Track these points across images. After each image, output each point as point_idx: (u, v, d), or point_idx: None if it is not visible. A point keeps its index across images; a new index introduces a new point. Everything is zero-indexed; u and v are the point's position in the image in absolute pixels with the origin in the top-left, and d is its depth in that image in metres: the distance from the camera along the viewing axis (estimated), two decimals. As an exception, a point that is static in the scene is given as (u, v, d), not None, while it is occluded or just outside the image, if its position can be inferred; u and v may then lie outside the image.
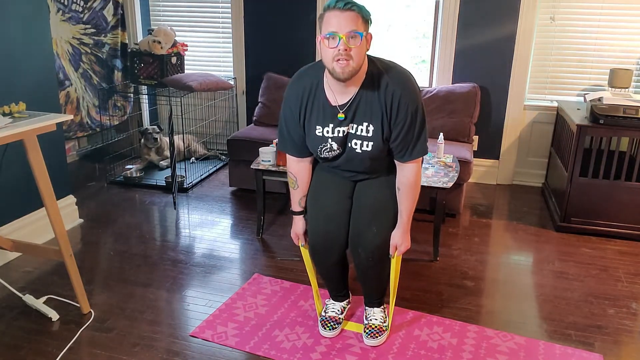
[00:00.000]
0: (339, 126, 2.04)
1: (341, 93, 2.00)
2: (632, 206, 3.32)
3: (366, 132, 2.02)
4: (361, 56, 1.90)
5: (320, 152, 2.11)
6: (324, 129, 2.05)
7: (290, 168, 2.25)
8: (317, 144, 2.09)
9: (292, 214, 2.31)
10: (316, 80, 2.05)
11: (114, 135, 4.73)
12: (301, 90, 2.06)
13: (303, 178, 2.25)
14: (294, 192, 2.28)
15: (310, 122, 2.07)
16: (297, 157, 2.21)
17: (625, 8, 3.83)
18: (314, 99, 2.05)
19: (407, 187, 2.10)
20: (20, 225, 3.09)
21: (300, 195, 2.27)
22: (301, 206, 2.28)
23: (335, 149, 2.08)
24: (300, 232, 2.31)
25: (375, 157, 2.08)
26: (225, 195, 4.07)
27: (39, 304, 2.52)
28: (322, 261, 2.30)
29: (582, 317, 2.56)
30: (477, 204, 3.97)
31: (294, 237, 2.35)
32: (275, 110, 4.28)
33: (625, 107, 3.22)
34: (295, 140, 2.15)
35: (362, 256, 2.19)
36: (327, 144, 2.07)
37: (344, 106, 2.01)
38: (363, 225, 2.16)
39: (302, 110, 2.07)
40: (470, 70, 4.20)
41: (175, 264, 3.03)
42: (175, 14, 4.88)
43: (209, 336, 2.36)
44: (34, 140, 2.25)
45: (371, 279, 2.32)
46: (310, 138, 2.10)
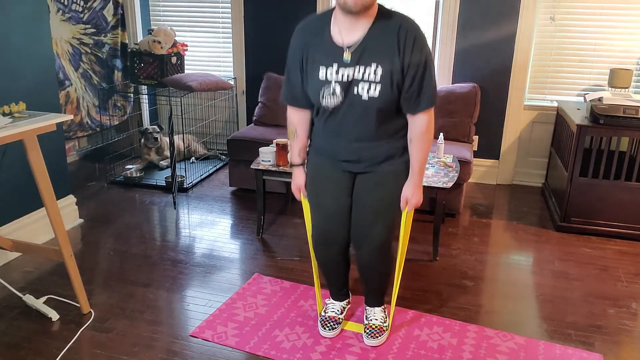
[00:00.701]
0: (344, 67, 1.95)
1: (350, 31, 1.93)
2: (632, 206, 3.32)
3: (374, 75, 1.92)
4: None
5: (322, 98, 2.00)
6: (327, 69, 1.97)
7: (290, 118, 2.22)
8: (319, 87, 2.00)
9: (292, 166, 2.28)
10: (323, 20, 2.00)
11: (114, 135, 4.73)
12: (307, 29, 2.03)
13: (303, 128, 2.21)
14: (293, 143, 2.24)
15: (314, 61, 2.00)
16: (299, 107, 2.16)
17: (625, 8, 3.83)
18: (319, 37, 1.99)
19: (419, 137, 2.04)
20: (20, 225, 3.09)
21: (300, 146, 2.23)
22: (300, 158, 2.25)
23: (338, 93, 1.97)
24: (301, 184, 2.27)
25: (381, 108, 1.98)
26: (225, 195, 4.07)
27: (39, 304, 2.52)
28: (323, 256, 2.30)
29: (582, 317, 2.56)
30: (477, 204, 3.97)
31: (294, 191, 2.30)
32: (275, 110, 4.28)
33: (625, 107, 3.22)
34: (298, 88, 2.10)
35: (365, 253, 2.20)
36: (330, 88, 1.97)
37: (352, 47, 1.94)
38: (365, 225, 2.15)
39: (306, 49, 2.01)
40: (470, 70, 4.20)
41: (175, 264, 3.03)
42: (175, 14, 4.88)
43: (209, 336, 2.36)
44: (34, 140, 2.25)
45: (373, 276, 2.31)
46: (313, 81, 2.01)
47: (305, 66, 2.03)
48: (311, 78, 2.02)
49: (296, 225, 3.54)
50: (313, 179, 2.23)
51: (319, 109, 2.09)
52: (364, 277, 2.35)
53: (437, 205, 2.99)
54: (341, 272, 2.40)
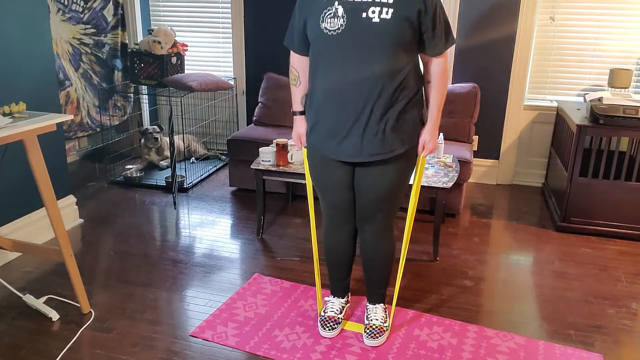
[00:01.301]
0: None
1: None
2: (632, 206, 3.32)
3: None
4: None
5: (321, 22, 1.92)
6: None
7: (293, 63, 2.20)
8: (320, 9, 1.93)
9: (294, 114, 2.25)
10: None
11: (114, 135, 4.73)
12: None
13: (305, 74, 2.17)
14: (295, 89, 2.22)
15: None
16: (302, 54, 2.14)
17: (625, 8, 3.83)
18: None
19: (438, 79, 2.04)
20: (20, 225, 3.09)
21: (302, 93, 2.20)
22: (302, 105, 2.21)
23: (339, 14, 1.89)
24: (302, 132, 2.23)
25: (392, 35, 1.88)
26: (225, 195, 4.07)
27: (39, 304, 2.52)
28: (333, 239, 2.35)
29: (582, 317, 2.56)
30: (477, 204, 3.97)
31: (295, 139, 2.27)
32: (275, 110, 4.28)
33: (625, 107, 3.22)
34: (301, 30, 2.07)
35: (369, 234, 2.25)
36: (332, 8, 1.90)
37: None
38: (368, 208, 2.20)
39: None
40: (470, 70, 4.20)
41: (175, 264, 3.03)
42: (175, 14, 4.88)
43: (209, 336, 2.36)
44: (34, 140, 2.25)
45: (376, 263, 2.32)
46: (314, 5, 1.96)
47: None
48: (312, 4, 1.97)
49: (296, 225, 3.54)
50: (315, 175, 2.25)
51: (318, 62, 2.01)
52: (367, 265, 2.35)
53: (437, 205, 3.00)
54: (346, 259, 2.40)
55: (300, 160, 3.25)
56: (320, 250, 2.45)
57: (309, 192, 2.38)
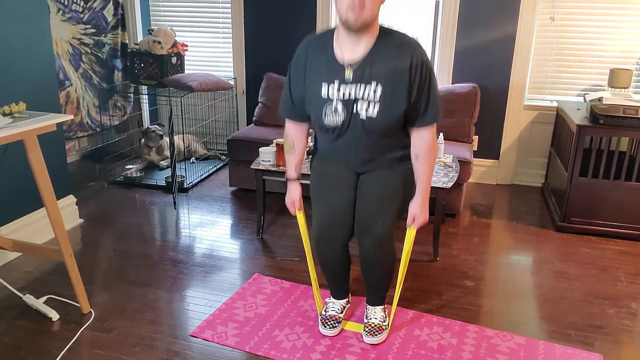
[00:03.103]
0: (346, 85, 1.97)
1: (352, 50, 1.96)
2: (632, 206, 3.32)
3: (373, 93, 1.96)
4: (375, 8, 1.88)
5: (324, 116, 2.03)
6: (329, 85, 1.99)
7: (288, 132, 2.23)
8: (321, 106, 2.02)
9: (287, 180, 2.28)
10: (326, 37, 2.03)
11: (114, 135, 4.73)
12: (310, 46, 2.05)
13: (300, 143, 2.23)
14: (290, 157, 2.25)
15: (316, 77, 2.02)
16: (297, 121, 2.18)
17: (625, 8, 3.83)
18: (322, 54, 2.01)
19: (425, 153, 2.07)
20: (20, 225, 3.09)
21: (297, 160, 2.25)
22: (296, 172, 2.26)
23: (340, 111, 2.00)
24: (296, 198, 2.27)
25: (381, 128, 2.01)
26: (225, 195, 4.07)
27: (39, 304, 2.52)
28: (326, 251, 2.30)
29: (582, 317, 2.56)
30: (477, 204, 3.97)
31: (289, 204, 2.30)
32: (275, 110, 4.28)
33: (625, 107, 3.22)
34: (297, 102, 2.11)
35: (369, 246, 2.20)
36: (332, 106, 2.00)
37: (354, 65, 1.96)
38: (369, 215, 2.16)
39: (308, 65, 2.03)
40: (470, 70, 4.20)
41: (175, 264, 3.03)
42: (175, 14, 4.88)
43: (209, 336, 2.36)
44: (34, 140, 2.25)
45: (376, 271, 2.31)
46: (314, 98, 2.03)
47: (307, 81, 2.05)
48: (313, 95, 2.04)
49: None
50: (318, 175, 2.25)
51: (321, 127, 2.11)
52: (366, 272, 2.34)
53: (437, 205, 2.99)
54: (342, 269, 2.39)
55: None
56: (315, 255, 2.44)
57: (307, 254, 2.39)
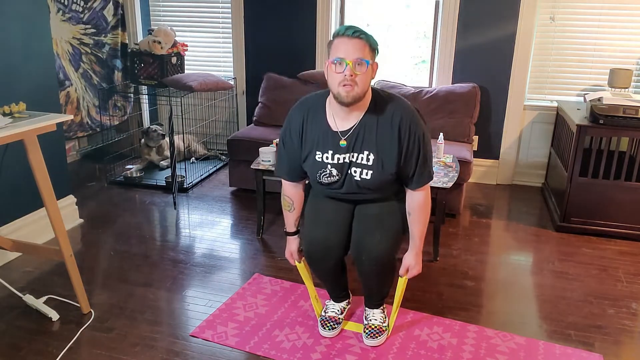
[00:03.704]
0: (340, 153, 2.05)
1: (344, 119, 2.03)
2: (632, 206, 3.32)
3: (366, 160, 2.04)
4: (366, 83, 1.94)
5: (319, 178, 2.11)
6: (323, 154, 2.06)
7: (286, 192, 2.27)
8: (316, 169, 2.10)
9: (287, 234, 2.34)
10: (319, 105, 2.08)
11: (114, 135, 4.73)
12: (304, 113, 2.09)
13: (299, 201, 2.29)
14: (288, 214, 2.31)
15: (310, 146, 2.08)
16: (294, 182, 2.24)
17: (625, 8, 3.83)
18: (315, 123, 2.07)
19: (418, 211, 2.12)
20: (20, 225, 3.09)
21: (296, 216, 2.31)
22: (296, 227, 2.32)
23: (334, 175, 2.09)
24: (294, 250, 2.33)
25: (374, 186, 2.09)
26: (225, 195, 4.07)
27: (39, 304, 2.52)
28: (319, 267, 2.29)
29: (582, 317, 2.56)
30: (477, 204, 3.97)
31: (288, 257, 2.37)
32: (275, 110, 4.28)
33: (625, 107, 3.22)
34: (293, 165, 2.17)
35: (366, 264, 2.17)
36: (327, 170, 2.08)
37: (346, 133, 2.03)
38: (366, 232, 2.14)
39: (303, 134, 2.09)
40: (470, 70, 4.20)
41: (175, 264, 3.03)
42: (175, 14, 4.88)
43: (209, 336, 2.36)
44: (34, 140, 2.25)
45: (374, 285, 2.31)
46: (309, 163, 2.10)
47: (304, 142, 2.10)
48: (308, 159, 2.10)
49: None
50: (314, 197, 2.28)
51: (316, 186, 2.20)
52: (365, 284, 2.33)
53: (437, 205, 2.99)
54: (338, 280, 2.40)
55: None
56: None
57: None
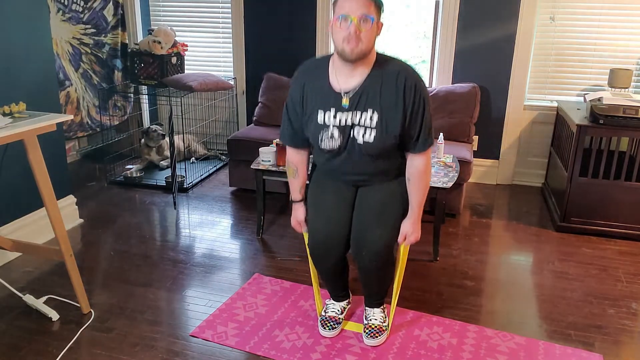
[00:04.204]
0: (342, 112, 2.02)
1: (347, 77, 2.00)
2: (632, 206, 3.32)
3: (369, 120, 2.00)
4: (371, 40, 1.92)
5: (320, 141, 2.07)
6: (325, 113, 2.03)
7: (290, 158, 2.27)
8: (317, 131, 2.06)
9: (292, 202, 2.33)
10: (321, 67, 2.07)
11: (114, 135, 4.73)
12: (307, 72, 2.09)
13: (303, 167, 2.28)
14: (293, 181, 2.30)
15: (312, 106, 2.06)
16: (298, 148, 2.23)
17: (625, 8, 3.83)
18: (317, 84, 2.05)
19: (417, 177, 2.10)
20: (20, 225, 3.09)
21: (301, 183, 2.29)
22: (301, 194, 2.30)
23: (336, 137, 2.04)
24: (301, 219, 2.32)
25: (377, 151, 2.05)
26: (225, 195, 4.07)
27: (39, 304, 2.52)
28: (321, 263, 2.29)
29: (582, 317, 2.56)
30: (477, 204, 3.97)
31: (295, 225, 2.35)
32: (275, 110, 4.28)
33: (625, 107, 3.22)
34: (297, 130, 2.16)
35: (366, 260, 2.17)
36: (329, 131, 2.04)
37: (350, 93, 2.00)
38: (366, 229, 2.14)
39: (306, 91, 2.07)
40: (470, 70, 4.20)
41: (175, 264, 3.03)
42: (175, 14, 4.88)
43: (209, 336, 2.36)
44: (34, 140, 2.25)
45: (373, 282, 2.31)
46: (312, 125, 2.07)
47: (305, 108, 2.09)
48: (310, 121, 2.08)
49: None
50: (315, 190, 2.27)
51: (318, 154, 2.17)
52: (365, 282, 2.34)
53: (437, 205, 2.99)
54: (340, 278, 2.40)
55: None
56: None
57: None
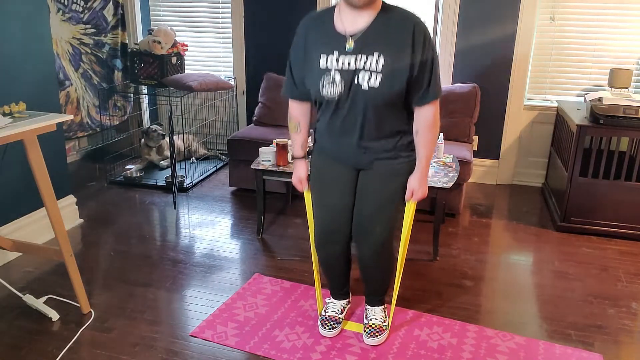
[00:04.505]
0: (345, 55, 1.94)
1: (354, 21, 1.94)
2: (632, 206, 3.32)
3: (375, 64, 1.92)
4: None
5: (321, 87, 1.99)
6: (327, 57, 1.97)
7: (292, 111, 2.23)
8: (319, 77, 1.98)
9: (294, 159, 2.30)
10: (328, 13, 2.02)
11: (114, 135, 4.73)
12: (309, 22, 2.06)
13: (305, 122, 2.23)
14: (295, 136, 2.26)
15: (314, 49, 2.00)
16: (300, 100, 2.18)
17: (625, 8, 3.83)
18: (322, 27, 2.00)
19: (426, 129, 2.06)
20: (20, 225, 3.09)
21: (302, 139, 2.25)
22: (303, 151, 2.27)
23: (337, 82, 1.96)
24: (303, 176, 2.28)
25: (383, 100, 1.96)
26: (225, 195, 4.07)
27: (39, 304, 2.52)
28: (326, 255, 2.30)
29: (582, 317, 2.56)
30: (477, 204, 3.97)
31: (296, 183, 2.31)
32: (275, 110, 4.28)
33: (625, 107, 3.22)
34: (299, 81, 2.11)
35: (367, 252, 2.20)
36: (330, 76, 1.96)
37: (355, 36, 1.94)
38: (367, 221, 2.16)
39: (309, 39, 2.03)
40: (470, 70, 4.20)
41: (175, 263, 3.03)
42: (175, 14, 4.88)
43: (209, 336, 2.36)
44: (34, 140, 2.25)
45: (374, 275, 2.32)
46: (314, 70, 2.00)
47: (307, 56, 2.03)
48: (312, 67, 2.01)
49: (296, 225, 3.54)
50: (317, 177, 2.24)
51: (321, 105, 2.09)
52: (365, 276, 2.35)
53: (437, 205, 2.99)
54: (342, 271, 2.40)
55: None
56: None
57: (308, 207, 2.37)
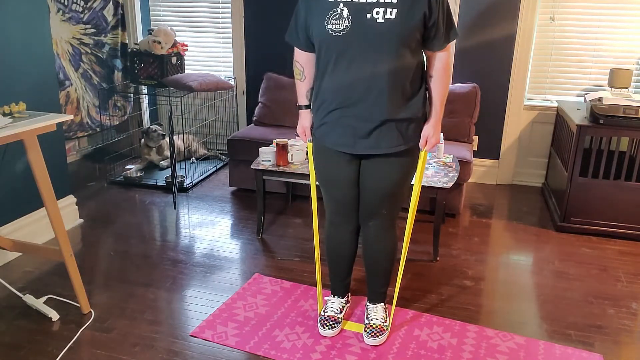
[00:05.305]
0: None
1: None
2: (632, 206, 3.32)
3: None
4: None
5: (327, 23, 1.92)
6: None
7: (297, 58, 2.19)
8: (325, 11, 1.92)
9: (299, 108, 2.27)
10: None
11: (114, 135, 4.73)
12: None
13: (310, 69, 2.18)
14: (300, 83, 2.23)
15: None
16: (305, 49, 2.14)
17: (625, 8, 3.83)
18: None
19: (442, 72, 2.05)
20: (20, 225, 3.09)
21: (307, 87, 2.22)
22: (307, 99, 2.24)
23: (345, 16, 1.89)
24: (307, 126, 2.26)
25: (398, 36, 1.89)
26: (225, 195, 4.07)
27: (39, 304, 2.52)
28: (336, 235, 2.34)
29: (582, 317, 2.56)
30: (477, 204, 3.97)
31: (300, 132, 2.29)
32: (275, 110, 4.28)
33: (625, 107, 3.22)
34: (305, 27, 2.06)
35: (372, 230, 2.27)
36: (337, 10, 1.90)
37: None
38: (373, 209, 2.22)
39: None
40: (470, 70, 4.19)
41: (175, 264, 3.03)
42: (175, 14, 4.88)
43: (209, 336, 2.36)
44: (34, 140, 2.25)
45: (377, 260, 2.33)
46: (319, 6, 1.95)
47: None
48: (317, 5, 1.97)
49: (296, 225, 3.54)
50: (319, 169, 2.26)
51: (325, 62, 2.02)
52: (369, 262, 2.36)
53: (437, 205, 3.00)
54: (348, 256, 2.40)
55: (301, 161, 3.25)
56: (322, 250, 2.45)
57: (312, 189, 2.38)
